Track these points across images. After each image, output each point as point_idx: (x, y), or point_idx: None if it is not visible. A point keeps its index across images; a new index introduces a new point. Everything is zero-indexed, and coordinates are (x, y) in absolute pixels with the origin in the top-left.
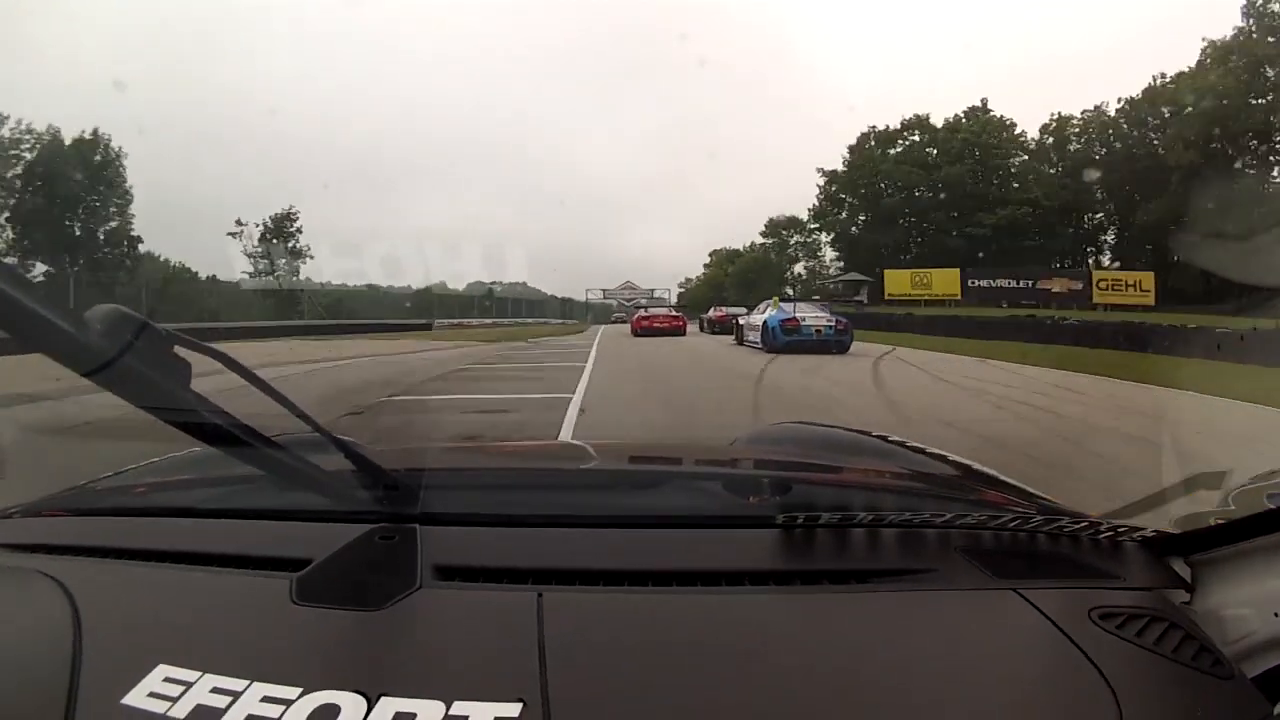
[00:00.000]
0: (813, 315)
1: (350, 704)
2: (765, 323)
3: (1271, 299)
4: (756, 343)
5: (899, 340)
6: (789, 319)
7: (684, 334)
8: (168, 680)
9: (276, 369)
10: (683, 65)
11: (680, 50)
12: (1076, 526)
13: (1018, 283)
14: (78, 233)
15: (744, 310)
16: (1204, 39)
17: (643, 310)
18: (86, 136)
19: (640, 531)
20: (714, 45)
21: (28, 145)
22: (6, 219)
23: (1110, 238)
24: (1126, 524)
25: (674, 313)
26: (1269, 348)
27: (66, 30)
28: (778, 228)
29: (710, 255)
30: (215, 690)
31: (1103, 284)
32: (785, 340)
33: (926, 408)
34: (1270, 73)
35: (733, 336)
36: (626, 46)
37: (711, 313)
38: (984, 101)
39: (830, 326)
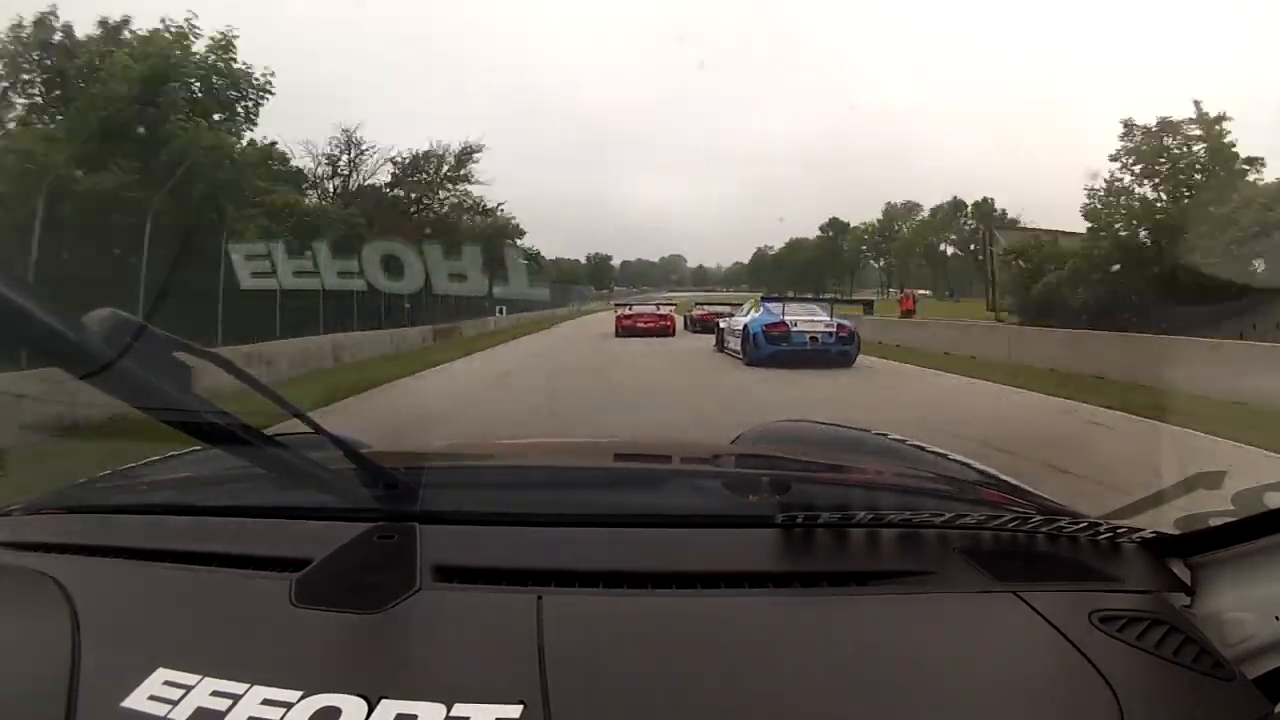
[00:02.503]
0: (807, 319)
1: (351, 707)
2: (746, 327)
3: None
4: (737, 350)
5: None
6: (775, 323)
7: (672, 334)
8: (168, 683)
9: None
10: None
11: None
12: (1076, 527)
13: None
14: None
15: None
16: None
17: (626, 309)
18: None
19: (640, 531)
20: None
21: None
22: None
23: None
24: (1126, 525)
25: (661, 312)
26: None
27: None
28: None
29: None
30: (215, 693)
31: None
32: (770, 350)
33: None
34: None
35: (716, 338)
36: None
37: (695, 310)
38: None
39: (829, 333)
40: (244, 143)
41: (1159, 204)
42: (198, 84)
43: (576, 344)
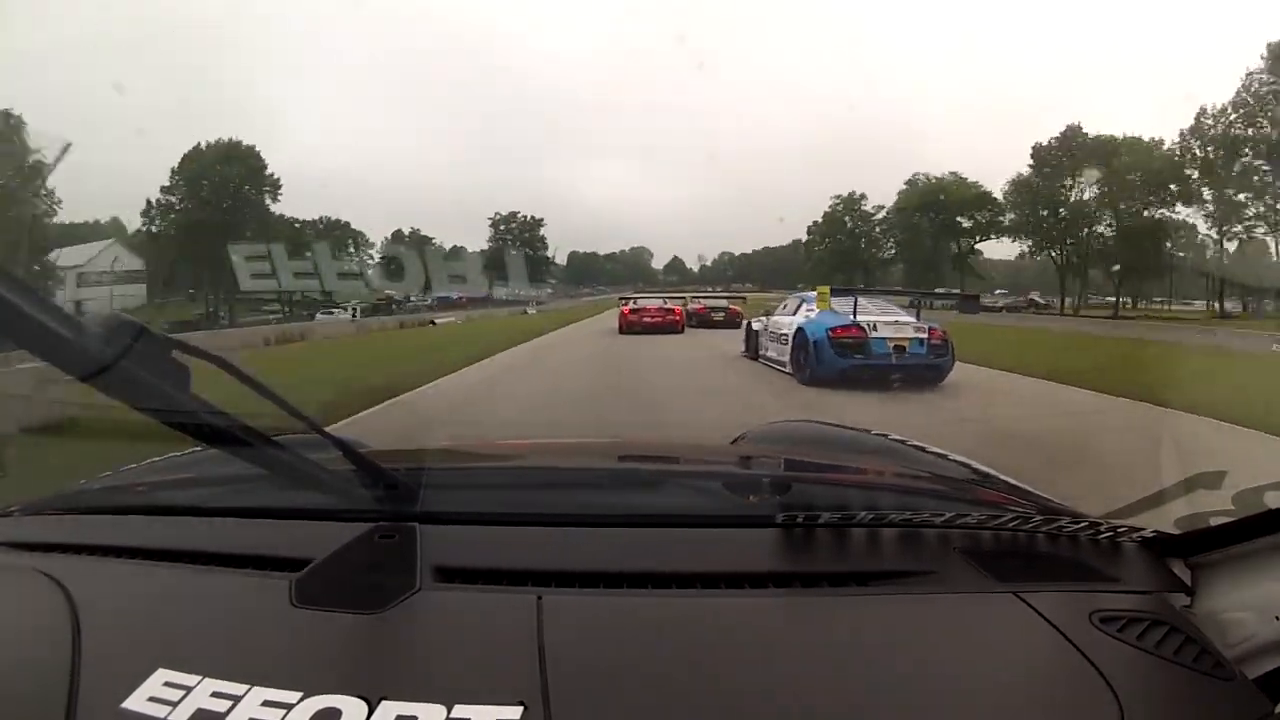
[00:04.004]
0: (888, 321)
1: (351, 708)
2: (801, 331)
3: None
4: (781, 363)
5: None
6: (846, 327)
7: (681, 331)
8: (168, 684)
9: None
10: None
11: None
12: (1076, 527)
13: None
14: None
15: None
16: None
17: (631, 303)
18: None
19: (640, 531)
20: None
21: None
22: None
23: None
24: (1126, 525)
25: (669, 306)
26: None
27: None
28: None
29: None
30: (215, 694)
31: None
32: (842, 364)
33: None
34: None
35: (740, 339)
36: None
37: (693, 305)
38: None
39: (920, 340)
40: None
41: None
42: None
43: None
